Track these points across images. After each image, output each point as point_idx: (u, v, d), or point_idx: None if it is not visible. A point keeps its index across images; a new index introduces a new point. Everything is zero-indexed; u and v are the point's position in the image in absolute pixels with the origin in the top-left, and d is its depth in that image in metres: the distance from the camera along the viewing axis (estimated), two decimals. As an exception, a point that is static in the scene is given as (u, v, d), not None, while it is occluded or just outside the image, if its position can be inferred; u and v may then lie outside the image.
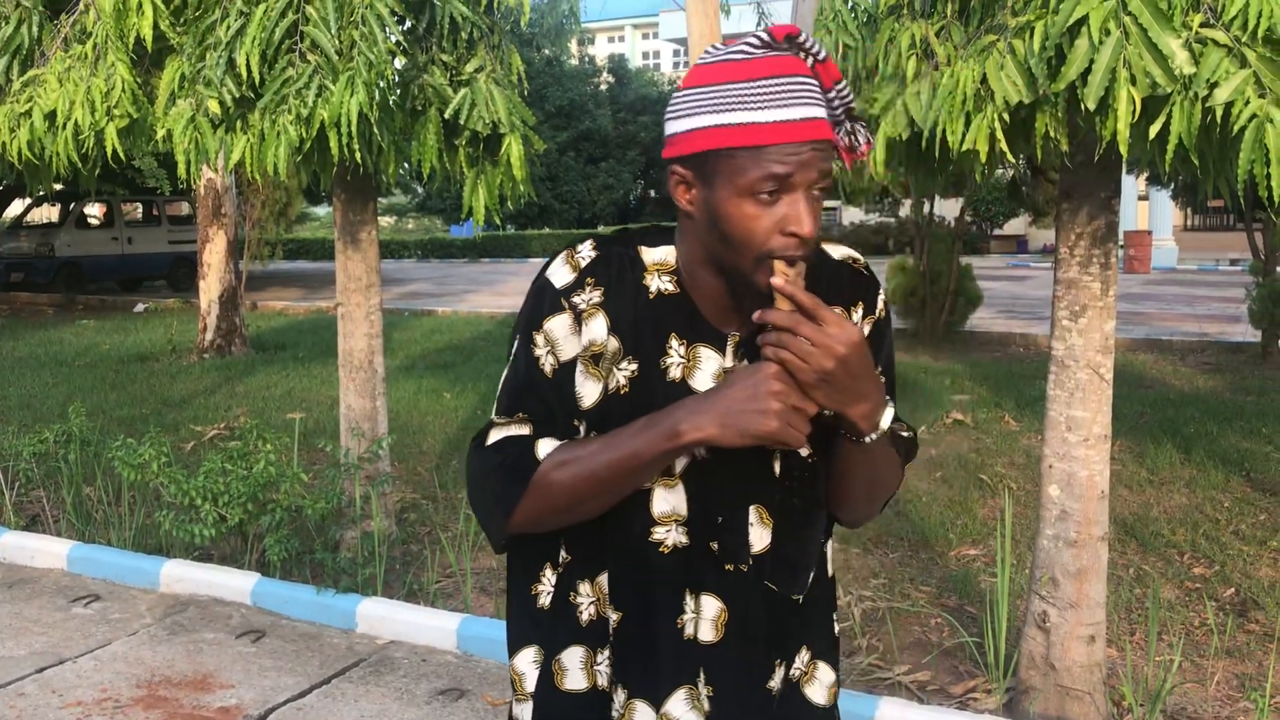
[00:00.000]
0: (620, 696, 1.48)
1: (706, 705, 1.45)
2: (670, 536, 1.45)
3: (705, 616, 1.45)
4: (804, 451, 1.46)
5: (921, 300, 12.41)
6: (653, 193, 41.49)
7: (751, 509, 1.46)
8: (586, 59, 40.01)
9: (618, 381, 1.44)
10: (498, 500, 1.44)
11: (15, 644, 4.42)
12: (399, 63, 4.44)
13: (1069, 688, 3.54)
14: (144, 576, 5.07)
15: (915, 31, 2.93)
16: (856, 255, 1.53)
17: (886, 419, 1.40)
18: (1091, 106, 2.47)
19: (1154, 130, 2.52)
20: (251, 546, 5.10)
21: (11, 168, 5.43)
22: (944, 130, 2.75)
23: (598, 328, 1.43)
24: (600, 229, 33.97)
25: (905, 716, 3.57)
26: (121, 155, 4.65)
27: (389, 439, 5.22)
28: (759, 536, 1.46)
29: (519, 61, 4.71)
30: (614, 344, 1.43)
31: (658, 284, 1.45)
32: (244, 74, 4.04)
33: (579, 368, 1.44)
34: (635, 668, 1.47)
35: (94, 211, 22.66)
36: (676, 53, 46.24)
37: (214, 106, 4.13)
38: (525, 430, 1.45)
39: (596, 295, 1.43)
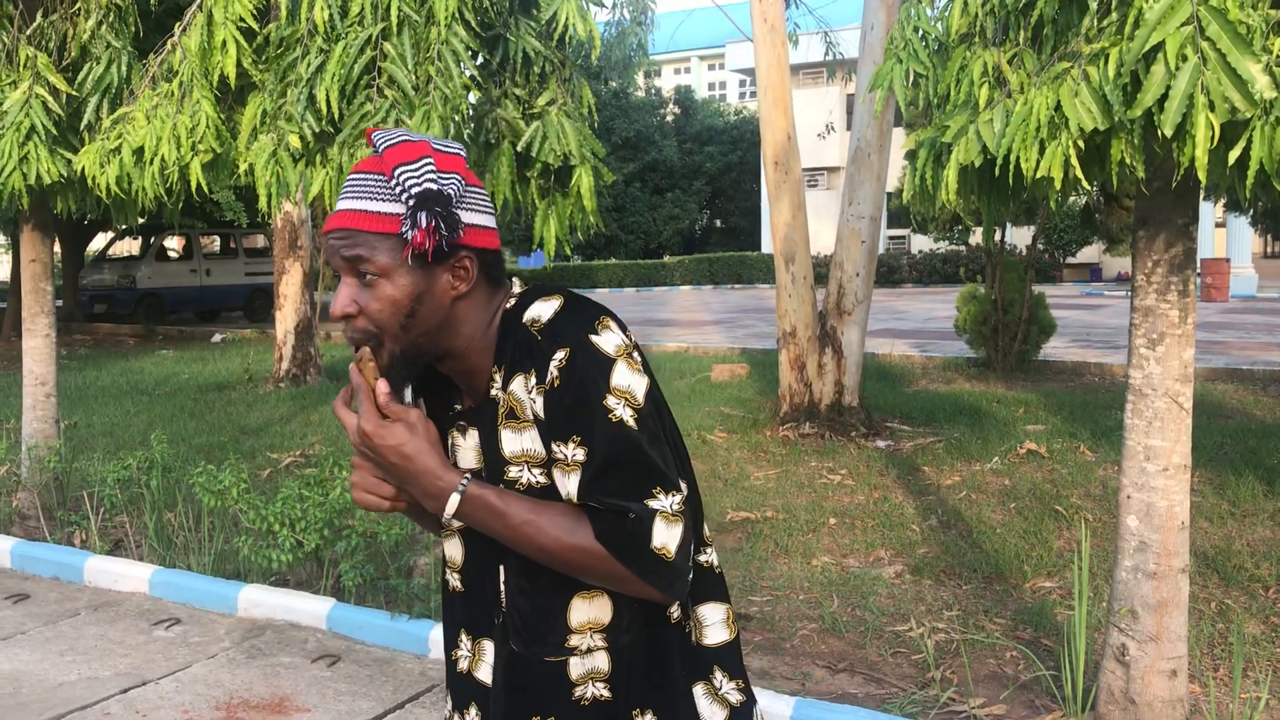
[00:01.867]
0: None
1: None
2: (453, 580, 1.61)
3: (487, 660, 1.58)
4: None
5: (994, 329, 12.27)
6: (719, 222, 41.56)
7: (500, 567, 1.54)
8: (653, 90, 40.28)
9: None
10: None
11: (100, 665, 4.54)
12: (473, 97, 4.52)
13: (1150, 723, 3.46)
14: (223, 601, 5.17)
15: (987, 59, 2.93)
16: (540, 315, 1.44)
17: (450, 506, 1.44)
18: (1169, 133, 2.45)
19: (1234, 156, 2.49)
20: (327, 572, 5.18)
21: (99, 202, 5.62)
22: (1018, 157, 2.74)
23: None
24: (666, 259, 34.13)
25: (981, 750, 3.52)
26: (205, 189, 4.79)
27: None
28: (505, 595, 1.54)
29: (589, 94, 4.78)
30: None
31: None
32: (324, 109, 4.14)
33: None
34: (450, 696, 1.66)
35: (173, 244, 23.28)
36: (743, 83, 46.34)
37: (295, 141, 4.24)
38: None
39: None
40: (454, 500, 1.44)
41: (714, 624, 1.56)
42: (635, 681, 1.51)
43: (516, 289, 1.53)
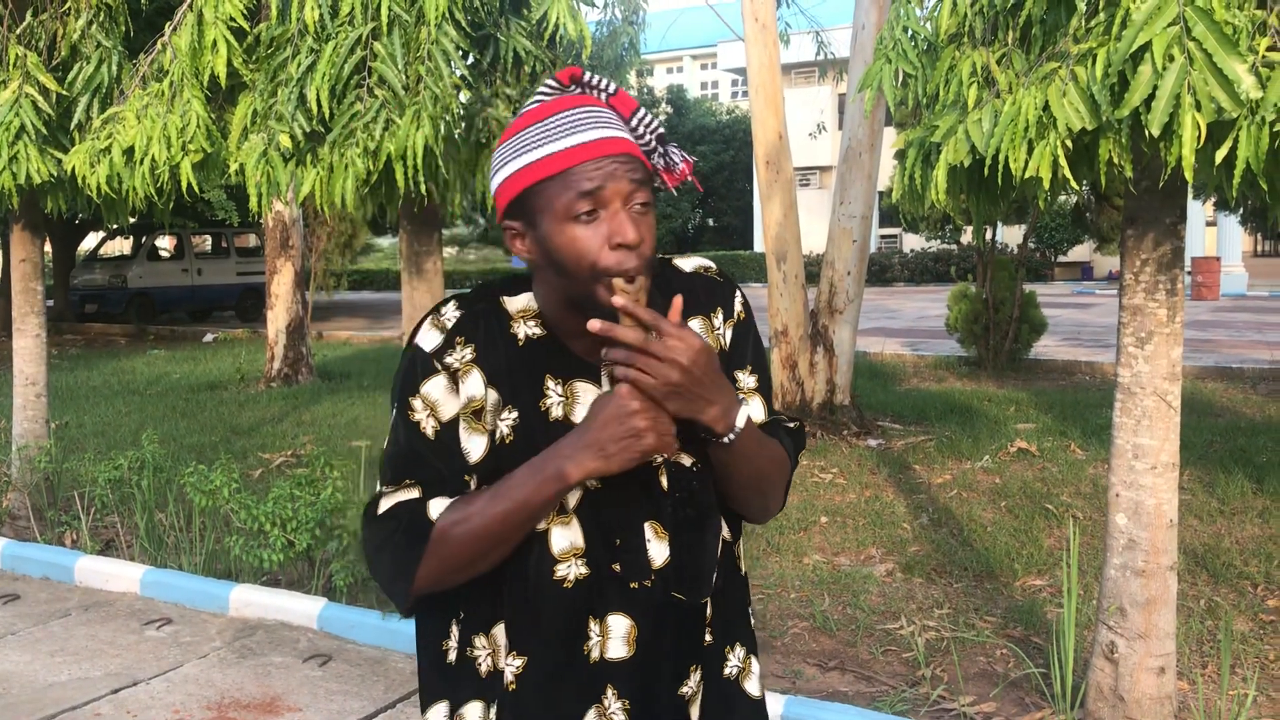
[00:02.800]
0: None
1: (621, 719, 1.49)
2: (571, 571, 1.48)
3: (616, 635, 1.49)
4: (687, 461, 1.50)
5: (985, 328, 12.30)
6: (711, 221, 41.57)
7: (646, 526, 1.50)
8: (645, 90, 40.27)
9: (502, 432, 1.48)
10: (397, 567, 1.46)
11: (91, 665, 4.53)
12: (464, 97, 4.52)
13: (1139, 720, 3.48)
14: (214, 601, 5.17)
15: (976, 60, 2.94)
16: (709, 264, 1.60)
17: (741, 417, 1.44)
18: (1156, 132, 2.46)
19: (1220, 155, 2.50)
20: (319, 572, 5.18)
21: (90, 202, 5.61)
22: (1006, 157, 2.75)
23: (475, 384, 1.47)
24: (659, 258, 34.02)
25: (971, 748, 3.53)
26: (196, 189, 4.79)
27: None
28: (658, 551, 1.50)
29: (581, 94, 4.78)
30: (493, 396, 1.47)
31: (525, 330, 1.50)
32: (314, 109, 4.14)
33: (461, 425, 1.47)
34: (539, 705, 1.50)
35: (165, 244, 23.24)
36: (735, 82, 46.35)
37: (285, 141, 4.24)
38: (415, 494, 1.47)
39: (468, 352, 1.48)
40: (744, 410, 1.45)
41: (744, 555, 1.66)
42: (725, 619, 1.58)
43: None
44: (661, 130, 1.46)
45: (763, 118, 9.10)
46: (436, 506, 1.45)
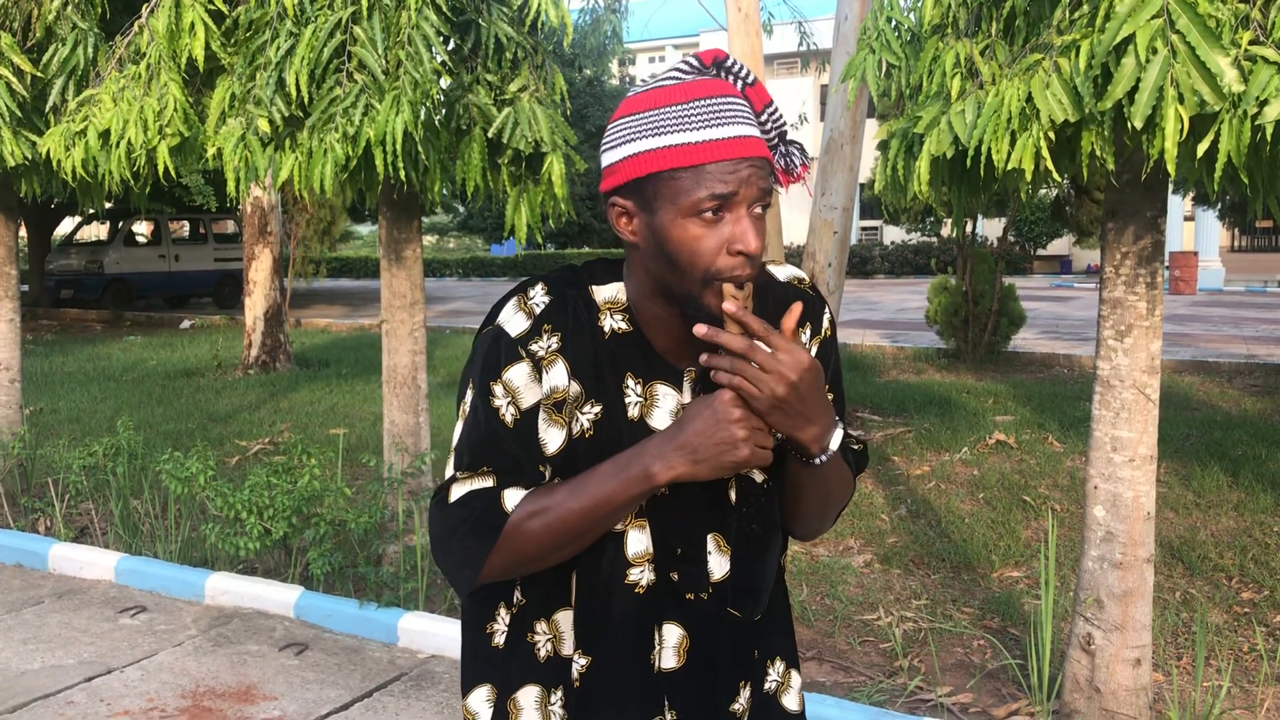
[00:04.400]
0: None
1: None
2: (644, 577, 1.45)
3: (668, 645, 1.46)
4: (758, 477, 1.48)
5: (964, 320, 12.34)
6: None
7: (710, 538, 1.46)
8: (627, 79, 40.21)
9: (582, 426, 1.43)
10: (466, 557, 1.41)
11: (65, 653, 4.49)
12: (445, 82, 4.49)
13: (1114, 711, 3.50)
14: (189, 588, 5.13)
15: (960, 50, 2.93)
16: (802, 275, 1.56)
17: (835, 440, 1.40)
18: (1138, 125, 2.46)
19: (1202, 149, 2.50)
20: (295, 560, 5.15)
21: (65, 185, 5.55)
22: (989, 149, 2.75)
23: (559, 375, 1.41)
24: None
25: (947, 738, 3.54)
26: (173, 173, 4.74)
27: (432, 454, 5.26)
28: (718, 564, 1.47)
29: (562, 81, 4.75)
30: (575, 389, 1.42)
31: (611, 323, 1.45)
32: (293, 93, 4.10)
33: (541, 415, 1.42)
34: (605, 707, 1.46)
35: (142, 229, 23.04)
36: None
37: (264, 125, 4.20)
38: (489, 483, 1.42)
39: (554, 341, 1.41)
40: (839, 433, 1.41)
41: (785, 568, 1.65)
42: (770, 633, 1.56)
43: None
44: (785, 126, 1.43)
45: (745, 108, 9.06)
46: (512, 497, 1.40)
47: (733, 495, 1.47)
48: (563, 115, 4.67)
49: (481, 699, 1.53)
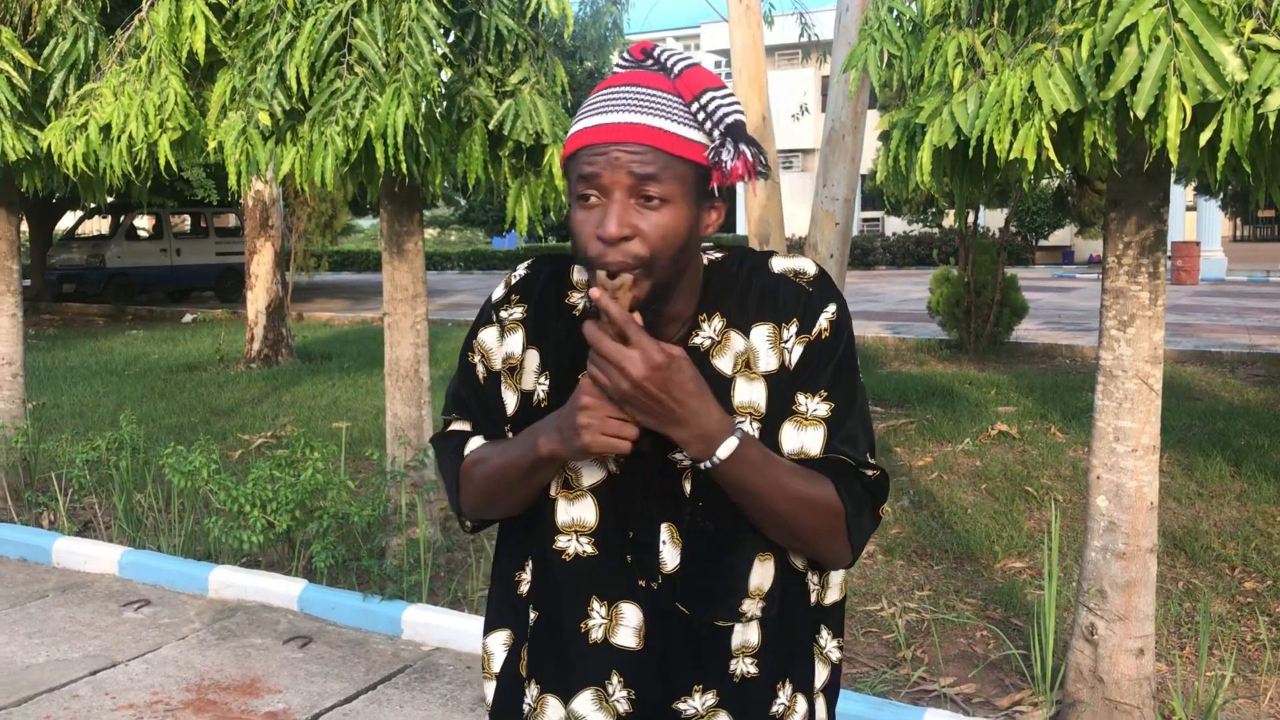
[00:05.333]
0: (533, 690, 1.52)
1: (624, 707, 1.46)
2: (572, 546, 1.47)
3: (627, 624, 1.46)
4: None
5: (966, 311, 12.33)
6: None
7: (664, 527, 1.44)
8: (628, 71, 40.07)
9: (538, 394, 1.49)
10: (449, 487, 1.58)
11: (69, 647, 4.50)
12: (445, 75, 4.48)
13: (1117, 701, 3.50)
14: (193, 582, 5.14)
15: (961, 40, 2.93)
16: (804, 268, 1.47)
17: (727, 448, 1.34)
18: (1141, 114, 2.45)
19: (1204, 138, 2.50)
20: (299, 553, 5.16)
21: (67, 180, 5.55)
22: (991, 139, 2.74)
23: (514, 342, 1.52)
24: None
25: (951, 729, 3.54)
26: (175, 167, 4.74)
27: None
28: (670, 556, 1.44)
29: (563, 73, 4.75)
30: (535, 358, 1.50)
31: (583, 301, 1.50)
32: (294, 86, 4.10)
33: (501, 378, 1.54)
34: (547, 664, 1.51)
35: (143, 224, 23.05)
36: (719, 64, 46.23)
37: (264, 118, 4.20)
38: (466, 426, 1.58)
39: (518, 311, 1.52)
40: (731, 444, 1.34)
41: (836, 585, 1.55)
42: (778, 653, 1.48)
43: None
44: (732, 119, 1.36)
45: (746, 99, 9.06)
46: (473, 444, 1.55)
47: (687, 487, 1.43)
48: (564, 107, 4.66)
49: (499, 642, 1.60)
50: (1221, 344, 12.60)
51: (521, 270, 1.56)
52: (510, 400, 1.52)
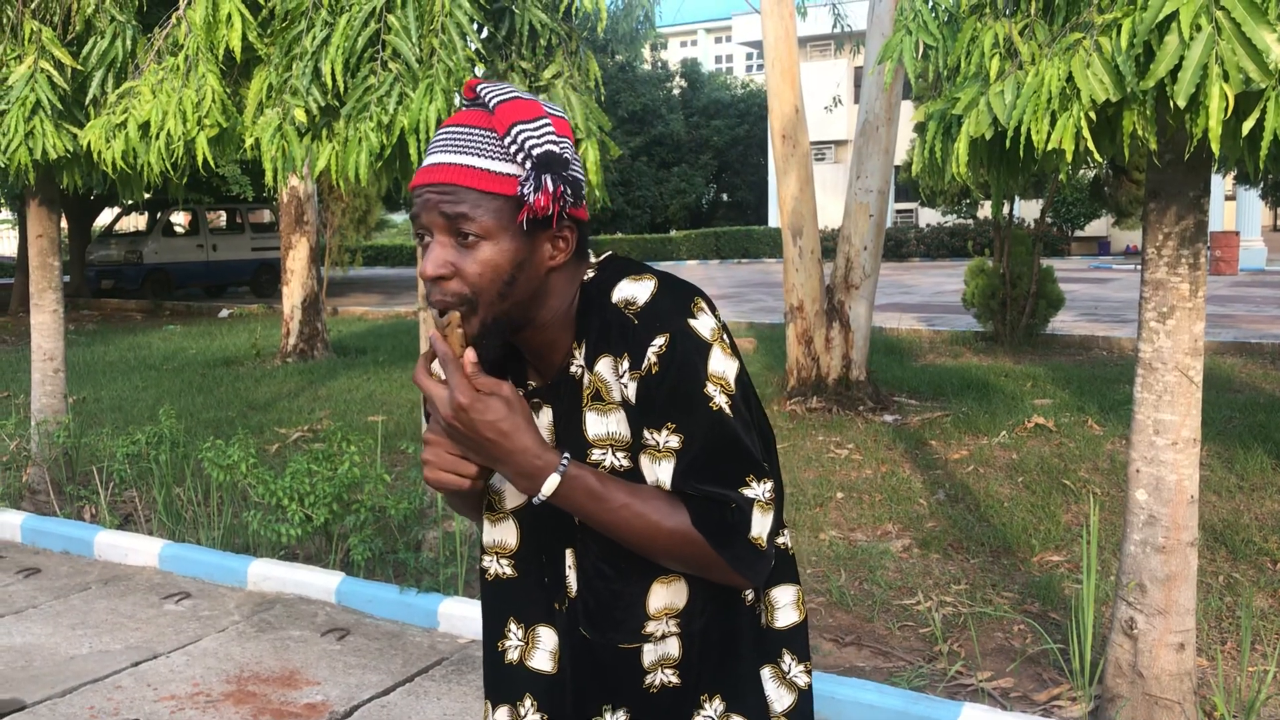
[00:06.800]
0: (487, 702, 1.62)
1: None
2: (494, 567, 1.55)
3: (543, 647, 1.51)
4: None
5: (1001, 303, 12.23)
6: (725, 196, 41.44)
7: (567, 552, 1.48)
8: (659, 64, 40.09)
9: None
10: None
11: (111, 639, 4.56)
12: (479, 70, 4.50)
13: (1157, 696, 3.47)
14: (232, 575, 5.20)
15: (998, 30, 2.90)
16: (635, 297, 1.39)
17: (549, 487, 1.34)
18: (1182, 104, 2.43)
19: (1247, 127, 2.46)
20: (336, 546, 5.20)
21: (105, 177, 5.61)
22: (1028, 129, 2.72)
23: None
24: (673, 233, 34.02)
25: (988, 723, 3.53)
26: (212, 163, 4.78)
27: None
28: (573, 580, 1.48)
29: (596, 67, 4.75)
30: None
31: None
32: (329, 83, 4.12)
33: None
34: (486, 676, 1.60)
35: (180, 220, 23.26)
36: (749, 56, 46.11)
37: (300, 115, 4.23)
38: None
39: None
40: (553, 481, 1.34)
41: (785, 606, 1.54)
42: (705, 667, 1.47)
43: (592, 260, 1.47)
44: (540, 150, 1.34)
45: (779, 91, 9.04)
46: None
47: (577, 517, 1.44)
48: (597, 101, 4.67)
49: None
50: (1262, 335, 12.43)
51: None
52: None
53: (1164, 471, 3.42)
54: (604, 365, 1.39)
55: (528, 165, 1.34)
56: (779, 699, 1.52)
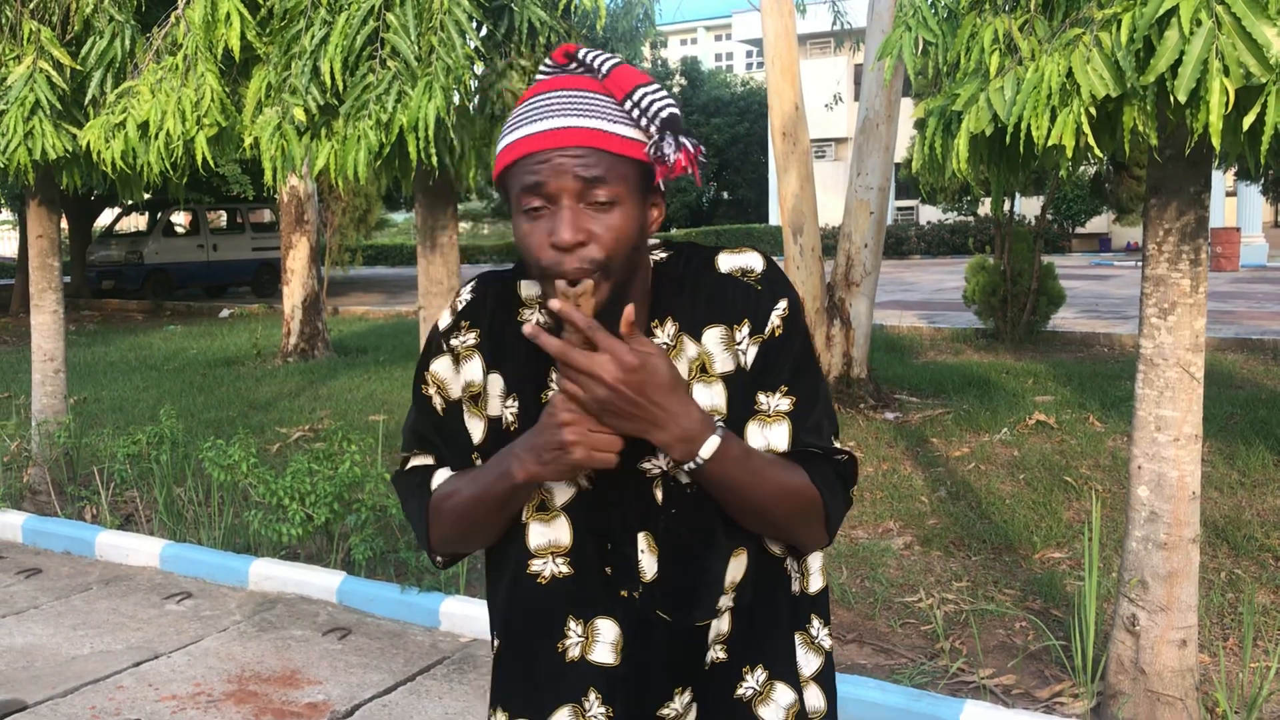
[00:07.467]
0: (500, 718, 1.52)
1: None
2: (548, 568, 1.46)
3: (604, 640, 1.45)
4: (685, 479, 1.43)
5: (1002, 300, 12.22)
6: (725, 194, 41.43)
7: (640, 536, 1.44)
8: (659, 62, 40.06)
9: (506, 419, 1.46)
10: (416, 525, 1.53)
11: (113, 639, 4.56)
12: (478, 68, 4.49)
13: (1159, 693, 3.46)
14: (233, 574, 5.19)
15: (998, 26, 2.89)
16: (751, 265, 1.44)
17: (709, 447, 1.33)
18: (1182, 99, 2.42)
19: (1247, 122, 2.46)
20: (337, 546, 5.20)
21: (105, 177, 5.61)
22: (1028, 125, 2.71)
23: (473, 369, 1.48)
24: (673, 232, 34.03)
25: (990, 720, 3.52)
26: (211, 163, 4.77)
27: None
28: (649, 564, 1.44)
29: (596, 65, 4.74)
30: (499, 382, 1.47)
31: (538, 318, 1.47)
32: (327, 82, 4.12)
33: (464, 406, 1.50)
34: (512, 690, 1.51)
35: (180, 220, 23.26)
36: (749, 54, 46.06)
37: (299, 114, 4.22)
38: (429, 460, 1.54)
39: (471, 337, 1.48)
40: (713, 442, 1.32)
41: (815, 571, 1.56)
42: (750, 639, 1.48)
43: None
44: (667, 113, 1.34)
45: (779, 89, 9.03)
46: (439, 477, 1.51)
47: (659, 495, 1.43)
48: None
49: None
50: (1263, 331, 12.42)
51: (466, 294, 1.51)
52: (476, 428, 1.49)
53: (1166, 468, 3.41)
54: (713, 336, 1.42)
55: (653, 128, 1.33)
56: (807, 664, 1.54)
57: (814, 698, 1.54)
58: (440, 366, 1.50)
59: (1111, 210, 17.13)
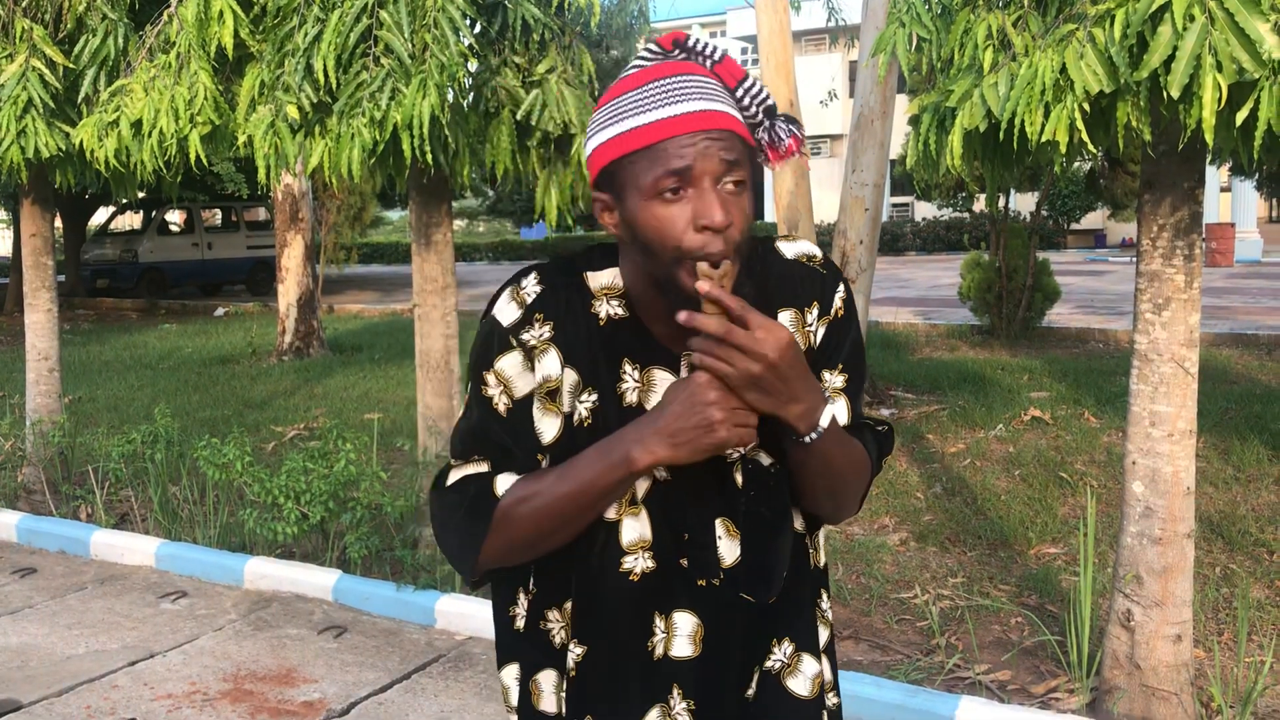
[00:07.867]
0: None
1: (686, 719, 1.45)
2: (639, 564, 1.44)
3: (681, 633, 1.44)
4: (765, 460, 1.44)
5: (997, 296, 12.23)
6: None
7: (718, 523, 1.44)
8: (654, 59, 39.97)
9: (580, 414, 1.43)
10: (463, 541, 1.44)
11: (108, 638, 4.55)
12: (472, 65, 4.48)
13: (1155, 688, 3.47)
14: (228, 573, 5.19)
15: (991, 22, 2.89)
16: (813, 251, 1.51)
17: (825, 417, 1.36)
18: (1175, 94, 2.42)
19: (1241, 117, 2.46)
20: (332, 544, 5.19)
21: (99, 176, 5.60)
22: (1022, 121, 2.72)
23: (551, 364, 1.42)
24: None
25: (986, 715, 3.53)
26: (205, 161, 4.76)
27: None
28: (728, 549, 1.44)
29: (589, 62, 4.73)
30: (572, 377, 1.43)
31: (607, 309, 1.44)
32: (321, 79, 4.11)
33: (535, 404, 1.43)
34: (601, 696, 1.46)
35: (175, 218, 23.22)
36: (744, 50, 46.03)
37: (293, 112, 4.21)
38: (484, 468, 1.45)
39: (546, 330, 1.42)
40: (829, 411, 1.37)
41: (821, 547, 1.59)
42: (778, 612, 1.49)
43: None
44: (770, 101, 1.38)
45: (773, 85, 9.02)
46: (504, 482, 1.42)
47: (739, 479, 1.44)
48: (591, 96, 4.65)
49: (512, 675, 1.55)
50: (1258, 326, 12.43)
51: (534, 286, 1.45)
52: (550, 426, 1.43)
53: (1160, 463, 3.42)
54: (786, 319, 1.46)
55: (760, 115, 1.39)
56: (821, 636, 1.57)
57: (826, 669, 1.57)
58: (508, 363, 1.43)
59: (1106, 206, 17.17)
